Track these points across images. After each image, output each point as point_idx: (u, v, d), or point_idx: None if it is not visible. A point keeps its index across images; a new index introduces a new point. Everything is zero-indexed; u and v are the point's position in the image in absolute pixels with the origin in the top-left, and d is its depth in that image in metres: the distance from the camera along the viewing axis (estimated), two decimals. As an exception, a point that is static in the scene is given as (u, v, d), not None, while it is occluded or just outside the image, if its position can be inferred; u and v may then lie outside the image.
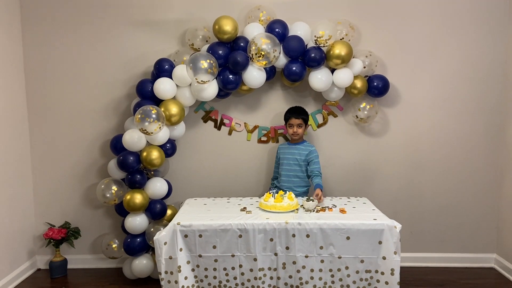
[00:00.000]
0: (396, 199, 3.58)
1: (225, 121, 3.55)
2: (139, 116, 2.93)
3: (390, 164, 3.56)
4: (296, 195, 3.12)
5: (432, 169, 3.55)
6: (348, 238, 2.58)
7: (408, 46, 3.44)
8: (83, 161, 3.59)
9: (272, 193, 2.87)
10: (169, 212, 3.33)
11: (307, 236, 2.59)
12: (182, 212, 2.86)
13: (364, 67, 3.27)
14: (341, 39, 3.23)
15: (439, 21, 3.40)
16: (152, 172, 3.31)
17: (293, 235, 2.59)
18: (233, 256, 2.63)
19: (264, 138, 3.56)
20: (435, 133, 3.51)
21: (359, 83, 3.26)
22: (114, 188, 3.18)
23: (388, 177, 3.57)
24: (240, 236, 2.60)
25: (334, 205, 2.94)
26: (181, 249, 2.60)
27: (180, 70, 3.11)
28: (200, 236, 2.60)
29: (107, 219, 3.64)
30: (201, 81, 2.97)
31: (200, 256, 2.63)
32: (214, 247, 2.61)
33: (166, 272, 2.62)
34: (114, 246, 3.38)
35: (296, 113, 3.23)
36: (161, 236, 2.59)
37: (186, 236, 2.60)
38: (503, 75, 3.41)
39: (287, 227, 2.58)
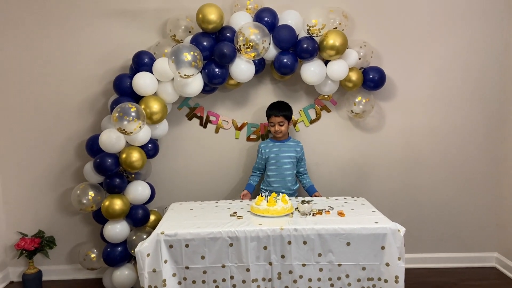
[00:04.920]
0: (393, 197, 3.52)
1: (212, 118, 3.46)
2: (117, 114, 2.81)
3: (387, 160, 3.50)
4: (290, 195, 3.14)
5: (430, 165, 3.50)
6: (348, 244, 2.46)
7: (404, 35, 3.36)
8: (56, 164, 3.44)
9: (264, 196, 2.73)
10: (152, 217, 3.21)
11: (304, 242, 2.46)
12: (166, 219, 2.71)
13: (359, 59, 3.16)
14: (334, 29, 3.10)
15: (437, 9, 3.34)
16: (133, 175, 3.16)
17: (289, 242, 2.46)
18: (223, 266, 2.50)
19: (253, 136, 3.47)
20: (433, 128, 3.46)
21: (354, 76, 3.16)
22: (91, 193, 3.02)
23: (384, 175, 3.51)
24: (231, 244, 2.46)
25: (331, 207, 2.80)
26: (166, 261, 2.46)
27: (161, 64, 2.99)
28: (187, 246, 2.46)
29: (84, 227, 3.50)
30: (185, 75, 2.86)
31: (187, 267, 2.49)
32: (203, 257, 2.48)
33: (150, 287, 2.46)
34: (92, 256, 3.21)
35: (276, 109, 3.14)
36: (143, 247, 2.43)
37: (171, 246, 2.46)
38: (501, 66, 3.38)
39: (282, 233, 2.45)
